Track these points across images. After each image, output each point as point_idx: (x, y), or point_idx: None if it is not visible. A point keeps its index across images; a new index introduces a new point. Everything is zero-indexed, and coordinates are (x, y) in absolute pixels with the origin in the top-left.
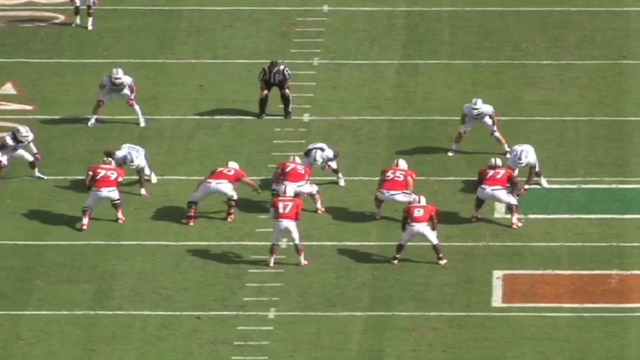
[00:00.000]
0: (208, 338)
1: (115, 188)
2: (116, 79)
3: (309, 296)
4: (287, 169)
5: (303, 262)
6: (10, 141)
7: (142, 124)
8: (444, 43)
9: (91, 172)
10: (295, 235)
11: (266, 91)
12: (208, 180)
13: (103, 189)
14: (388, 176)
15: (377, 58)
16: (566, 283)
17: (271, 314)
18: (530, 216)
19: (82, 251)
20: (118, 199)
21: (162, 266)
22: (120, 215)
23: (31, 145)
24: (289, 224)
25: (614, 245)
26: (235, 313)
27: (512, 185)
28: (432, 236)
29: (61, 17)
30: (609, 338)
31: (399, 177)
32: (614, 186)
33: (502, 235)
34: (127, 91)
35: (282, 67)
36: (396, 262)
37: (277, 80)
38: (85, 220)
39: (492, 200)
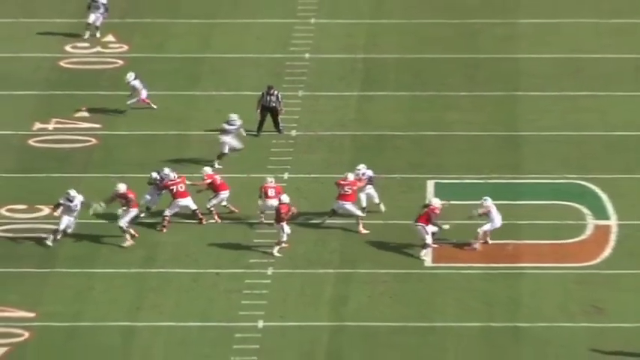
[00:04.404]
0: (225, 288)
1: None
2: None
3: (295, 258)
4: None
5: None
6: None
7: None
8: (390, 80)
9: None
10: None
11: (261, 115)
12: (178, 199)
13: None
14: (343, 190)
15: (344, 90)
16: (476, 249)
17: (269, 272)
18: (452, 202)
19: (136, 227)
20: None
21: (191, 238)
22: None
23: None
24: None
25: (511, 223)
26: (244, 270)
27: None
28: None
29: (120, 62)
30: (508, 288)
31: (347, 192)
32: (510, 181)
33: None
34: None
35: (276, 91)
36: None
37: (272, 104)
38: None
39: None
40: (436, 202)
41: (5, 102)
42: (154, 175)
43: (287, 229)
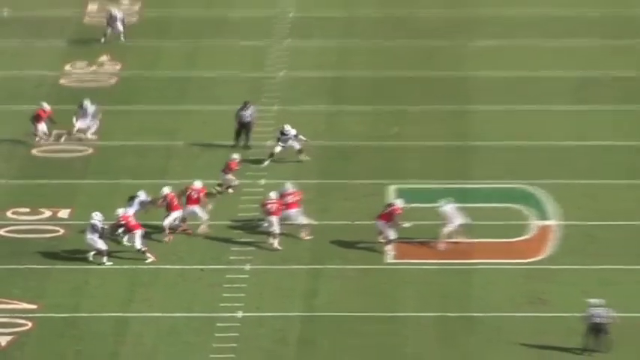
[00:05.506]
0: (208, 283)
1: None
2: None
3: (271, 255)
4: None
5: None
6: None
7: None
8: (356, 96)
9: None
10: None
11: (238, 129)
12: (174, 211)
13: (140, 229)
14: (287, 199)
15: (314, 104)
16: (434, 247)
17: (247, 267)
18: (413, 205)
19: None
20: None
21: (178, 238)
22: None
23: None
24: (275, 219)
25: (459, 223)
26: (225, 266)
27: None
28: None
29: (115, 79)
30: (461, 282)
31: (292, 200)
32: (462, 186)
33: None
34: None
35: (251, 106)
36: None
37: (246, 119)
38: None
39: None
40: (399, 203)
41: (10, 115)
42: (142, 196)
43: (275, 221)
